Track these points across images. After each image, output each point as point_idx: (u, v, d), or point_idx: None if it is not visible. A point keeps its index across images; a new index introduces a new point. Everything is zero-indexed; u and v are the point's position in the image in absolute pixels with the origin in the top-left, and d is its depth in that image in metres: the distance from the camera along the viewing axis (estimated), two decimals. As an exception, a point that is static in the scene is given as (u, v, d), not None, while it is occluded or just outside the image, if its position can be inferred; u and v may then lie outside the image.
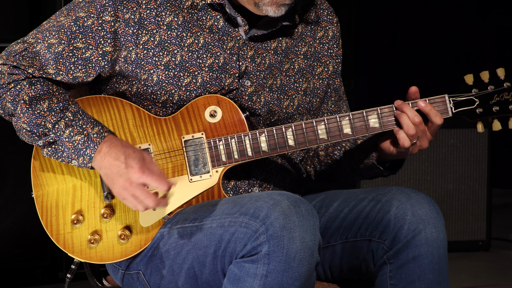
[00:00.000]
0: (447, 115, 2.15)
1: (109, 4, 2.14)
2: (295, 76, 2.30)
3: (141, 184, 2.04)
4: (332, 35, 2.36)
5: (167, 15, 2.17)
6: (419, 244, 2.08)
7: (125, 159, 2.05)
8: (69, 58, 2.14)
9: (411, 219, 2.09)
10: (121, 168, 2.05)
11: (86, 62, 2.15)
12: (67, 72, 2.15)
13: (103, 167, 2.08)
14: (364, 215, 2.17)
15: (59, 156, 2.11)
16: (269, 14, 2.16)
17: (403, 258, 2.09)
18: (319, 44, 2.35)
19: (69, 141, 2.09)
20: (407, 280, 2.09)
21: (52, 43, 2.14)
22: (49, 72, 2.13)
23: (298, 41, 2.31)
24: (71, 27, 2.15)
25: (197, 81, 2.18)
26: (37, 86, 2.11)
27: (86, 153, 2.09)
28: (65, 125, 2.10)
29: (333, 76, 2.37)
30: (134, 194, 2.05)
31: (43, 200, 2.17)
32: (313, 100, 2.32)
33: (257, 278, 1.94)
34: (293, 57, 2.30)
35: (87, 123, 2.11)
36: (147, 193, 2.05)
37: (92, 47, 2.15)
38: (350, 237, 2.19)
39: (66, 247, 2.17)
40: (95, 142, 2.09)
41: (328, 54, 2.36)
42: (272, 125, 2.25)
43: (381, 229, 2.12)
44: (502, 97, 2.14)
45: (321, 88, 2.34)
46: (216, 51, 2.20)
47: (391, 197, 2.14)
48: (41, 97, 2.11)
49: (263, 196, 1.99)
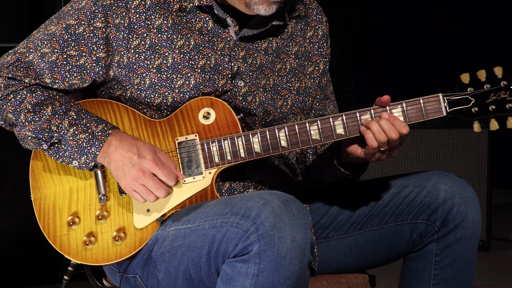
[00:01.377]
0: (441, 115, 2.15)
1: (99, 11, 2.15)
2: (287, 76, 2.30)
3: (152, 174, 2.07)
4: (322, 34, 2.38)
5: (157, 18, 2.18)
6: (466, 226, 2.21)
7: (138, 150, 2.08)
8: (64, 66, 2.16)
9: (460, 201, 2.21)
10: (133, 159, 2.07)
11: (80, 69, 2.17)
12: (63, 80, 2.16)
13: (114, 160, 2.09)
14: (408, 200, 2.26)
15: (61, 156, 2.13)
16: (260, 13, 2.17)
17: (451, 238, 2.22)
18: (309, 44, 2.36)
19: (73, 140, 2.11)
20: (451, 258, 2.23)
21: (45, 53, 2.15)
22: (46, 81, 2.15)
23: (288, 41, 2.32)
24: (63, 35, 2.16)
25: (190, 83, 2.19)
26: (37, 93, 2.13)
27: (91, 151, 2.10)
28: (69, 124, 2.11)
29: (321, 75, 2.38)
30: (145, 185, 2.07)
31: (41, 203, 2.19)
32: (306, 99, 2.33)
33: (248, 278, 1.94)
34: (284, 57, 2.30)
35: (91, 121, 2.12)
36: (159, 183, 2.07)
37: (86, 54, 2.16)
38: (390, 221, 2.28)
39: (62, 249, 2.18)
40: (100, 140, 2.10)
41: (319, 53, 2.37)
42: (267, 125, 2.26)
43: (430, 211, 2.23)
44: (499, 96, 2.13)
45: (312, 87, 2.35)
46: (207, 53, 2.20)
47: (437, 182, 2.24)
48: (44, 102, 2.13)
49: (254, 196, 2.00)
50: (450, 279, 2.24)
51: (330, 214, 2.34)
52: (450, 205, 2.21)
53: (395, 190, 2.28)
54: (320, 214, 2.35)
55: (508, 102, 2.13)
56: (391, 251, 2.31)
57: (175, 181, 2.09)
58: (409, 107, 2.15)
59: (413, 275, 2.29)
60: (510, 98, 2.13)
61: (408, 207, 2.26)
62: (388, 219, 2.28)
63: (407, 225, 2.27)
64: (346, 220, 2.32)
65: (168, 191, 2.09)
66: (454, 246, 2.22)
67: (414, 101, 2.15)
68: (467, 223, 2.21)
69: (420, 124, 4.61)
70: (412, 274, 2.29)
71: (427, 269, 2.26)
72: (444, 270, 2.24)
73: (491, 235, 4.69)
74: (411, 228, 2.26)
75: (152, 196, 2.08)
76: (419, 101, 2.15)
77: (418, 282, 2.27)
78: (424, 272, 2.26)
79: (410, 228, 2.26)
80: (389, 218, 2.28)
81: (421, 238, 2.26)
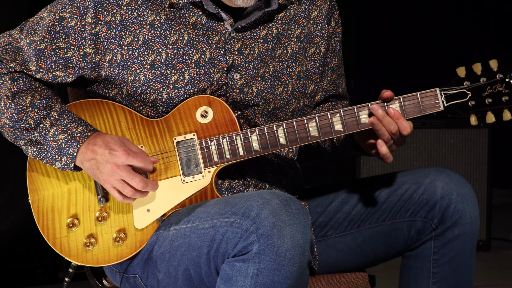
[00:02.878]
0: (438, 109, 2.15)
1: (91, 6, 2.16)
2: (288, 60, 2.29)
3: (127, 166, 2.07)
4: (325, 13, 2.35)
5: (149, 14, 2.18)
6: (464, 223, 2.21)
7: (106, 146, 2.08)
8: (51, 56, 2.16)
9: (457, 198, 2.21)
10: (105, 154, 2.07)
11: (67, 62, 2.17)
12: (47, 70, 2.17)
13: (86, 159, 2.10)
14: (406, 198, 2.26)
15: (44, 156, 2.13)
16: (238, 4, 2.17)
17: (449, 236, 2.22)
18: (313, 25, 2.34)
19: (53, 140, 2.11)
20: (450, 255, 2.23)
21: (34, 40, 2.16)
22: (30, 68, 2.16)
23: (290, 24, 2.30)
24: (55, 26, 2.16)
25: (185, 78, 2.19)
26: (19, 82, 2.14)
27: (69, 152, 2.11)
28: (50, 124, 2.12)
29: (331, 54, 2.37)
30: (121, 178, 2.07)
31: (39, 205, 2.19)
32: (306, 83, 2.32)
33: (248, 277, 1.94)
34: (286, 41, 2.29)
35: (72, 122, 2.13)
36: (134, 173, 2.07)
37: (74, 47, 2.16)
38: (388, 219, 2.28)
39: (62, 251, 2.18)
40: (78, 141, 2.10)
41: (321, 34, 2.34)
42: (270, 115, 2.26)
43: (427, 209, 2.23)
44: (495, 89, 2.14)
45: (313, 70, 2.34)
46: (202, 47, 2.20)
47: (434, 179, 2.24)
48: (24, 92, 2.13)
49: (254, 196, 2.00)
50: (450, 276, 2.24)
51: (328, 212, 2.34)
52: (447, 202, 2.21)
53: (392, 187, 2.29)
54: (318, 212, 2.35)
55: (504, 95, 2.14)
56: (389, 249, 2.31)
57: (151, 165, 2.08)
58: (406, 102, 2.15)
59: (412, 274, 2.29)
60: (506, 91, 2.14)
61: (405, 204, 2.26)
62: (385, 216, 2.29)
63: (405, 223, 2.27)
64: (344, 218, 2.33)
65: (145, 181, 2.07)
66: (452, 244, 2.22)
67: (411, 96, 2.15)
68: (464, 220, 2.21)
69: (420, 124, 4.61)
70: (411, 273, 2.29)
71: (425, 268, 2.26)
72: (443, 267, 2.24)
73: (491, 235, 4.69)
74: (409, 225, 2.26)
75: (127, 188, 2.07)
76: (416, 96, 2.15)
77: (417, 281, 2.28)
78: (423, 270, 2.27)
79: (408, 226, 2.27)
80: (386, 215, 2.29)
81: (419, 235, 2.26)
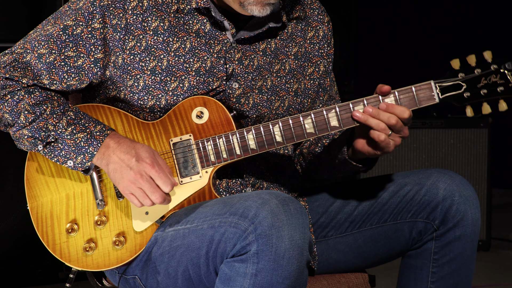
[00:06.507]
0: (434, 101, 2.15)
1: (97, 11, 2.15)
2: (286, 76, 2.30)
3: (150, 177, 2.06)
4: (323, 34, 2.37)
5: (153, 20, 2.18)
6: (465, 224, 2.22)
7: (136, 152, 2.08)
8: (62, 67, 2.16)
9: (459, 200, 2.22)
10: (132, 161, 2.07)
11: (78, 70, 2.17)
12: (61, 81, 2.16)
13: (112, 162, 2.09)
14: (408, 199, 2.26)
15: (56, 155, 2.12)
16: (254, 14, 2.16)
17: (450, 237, 2.23)
18: (310, 45, 2.35)
19: (71, 138, 2.11)
20: (450, 256, 2.24)
21: (42, 53, 2.15)
22: (43, 82, 2.15)
23: (288, 41, 2.31)
24: (61, 36, 2.16)
25: (184, 86, 2.19)
26: (35, 94, 2.13)
27: (88, 150, 2.10)
28: (67, 123, 2.11)
29: (324, 75, 2.38)
30: (141, 188, 2.06)
31: (38, 211, 2.19)
32: (304, 101, 2.33)
33: (247, 277, 1.95)
34: (283, 58, 2.30)
35: (89, 122, 2.13)
36: (155, 187, 2.07)
37: (84, 55, 2.16)
38: (390, 220, 2.29)
39: (63, 256, 2.18)
40: (98, 140, 2.10)
41: (319, 54, 2.36)
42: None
43: (429, 210, 2.24)
44: (490, 80, 2.13)
45: (312, 89, 2.35)
46: (203, 55, 2.20)
47: (436, 180, 2.24)
48: (42, 102, 2.13)
49: (252, 196, 2.00)
50: (448, 277, 2.25)
51: (329, 213, 2.34)
52: (449, 204, 2.22)
53: (394, 188, 2.29)
54: (319, 213, 2.35)
55: (499, 85, 2.13)
56: (391, 250, 2.31)
57: (170, 188, 2.07)
58: (401, 95, 2.15)
59: (411, 273, 2.29)
60: (501, 82, 2.14)
61: (407, 205, 2.26)
62: (387, 217, 2.29)
63: (406, 224, 2.27)
64: (345, 218, 2.33)
65: (164, 197, 2.07)
66: (453, 244, 2.23)
67: (406, 89, 2.15)
68: (466, 221, 2.21)
69: (420, 124, 4.61)
70: (410, 272, 2.30)
71: (425, 267, 2.27)
72: (442, 268, 2.24)
73: (491, 235, 4.69)
74: (410, 226, 2.27)
75: (148, 200, 2.07)
76: (411, 89, 2.15)
77: (416, 279, 2.28)
78: (423, 270, 2.27)
79: (409, 227, 2.27)
80: (388, 216, 2.29)
81: (420, 236, 2.26)
